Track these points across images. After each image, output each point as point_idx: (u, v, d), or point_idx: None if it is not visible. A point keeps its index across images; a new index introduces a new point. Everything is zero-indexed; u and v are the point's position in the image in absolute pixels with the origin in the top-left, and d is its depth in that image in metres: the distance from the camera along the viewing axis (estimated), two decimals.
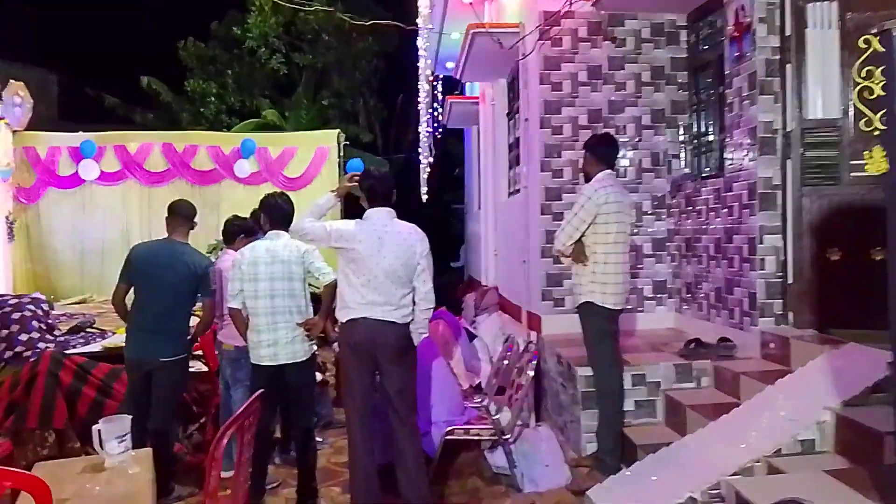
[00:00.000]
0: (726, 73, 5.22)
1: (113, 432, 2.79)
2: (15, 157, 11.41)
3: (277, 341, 4.23)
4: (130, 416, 2.93)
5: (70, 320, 8.51)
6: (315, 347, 4.43)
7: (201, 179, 12.45)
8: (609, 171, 4.30)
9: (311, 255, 4.31)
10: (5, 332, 5.51)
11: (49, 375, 5.11)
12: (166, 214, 4.59)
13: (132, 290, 4.43)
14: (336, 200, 4.10)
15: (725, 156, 5.27)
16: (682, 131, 6.09)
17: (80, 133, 12.12)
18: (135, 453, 2.88)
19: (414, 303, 3.92)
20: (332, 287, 4.25)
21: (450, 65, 11.11)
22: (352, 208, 4.37)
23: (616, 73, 6.03)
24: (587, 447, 4.66)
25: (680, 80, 6.08)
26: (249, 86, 17.84)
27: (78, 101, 19.10)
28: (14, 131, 11.33)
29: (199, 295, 4.51)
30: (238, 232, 5.29)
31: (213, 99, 17.47)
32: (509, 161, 8.09)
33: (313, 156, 12.63)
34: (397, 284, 3.83)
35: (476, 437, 4.77)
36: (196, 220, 4.68)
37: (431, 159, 12.02)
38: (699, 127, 5.97)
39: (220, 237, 5.59)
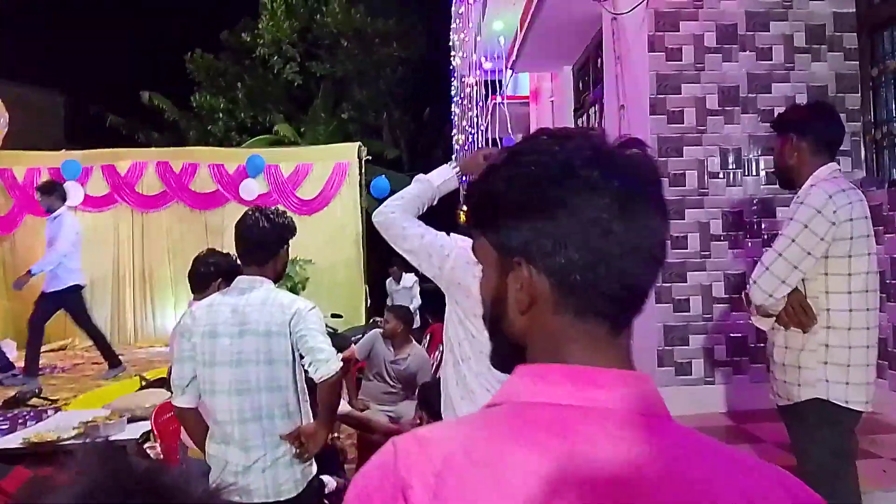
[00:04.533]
0: None
1: None
2: None
3: (249, 468, 2.45)
4: None
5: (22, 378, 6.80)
6: (314, 470, 2.64)
7: (202, 203, 10.76)
8: (834, 165, 2.46)
9: (305, 319, 2.50)
10: None
11: None
12: None
13: None
14: (457, 182, 2.34)
15: None
16: (852, 117, 4.23)
17: (63, 151, 10.53)
18: None
19: None
20: (333, 385, 2.51)
21: (488, 65, 9.47)
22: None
23: (758, 34, 4.21)
24: None
25: (848, 45, 4.25)
26: (262, 100, 16.27)
27: (85, 122, 17.92)
28: None
29: None
30: (212, 275, 3.53)
31: (221, 115, 15.87)
32: None
33: (331, 173, 10.91)
34: None
35: None
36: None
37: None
38: (881, 110, 4.13)
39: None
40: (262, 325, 2.46)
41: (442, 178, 2.32)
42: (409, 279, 10.18)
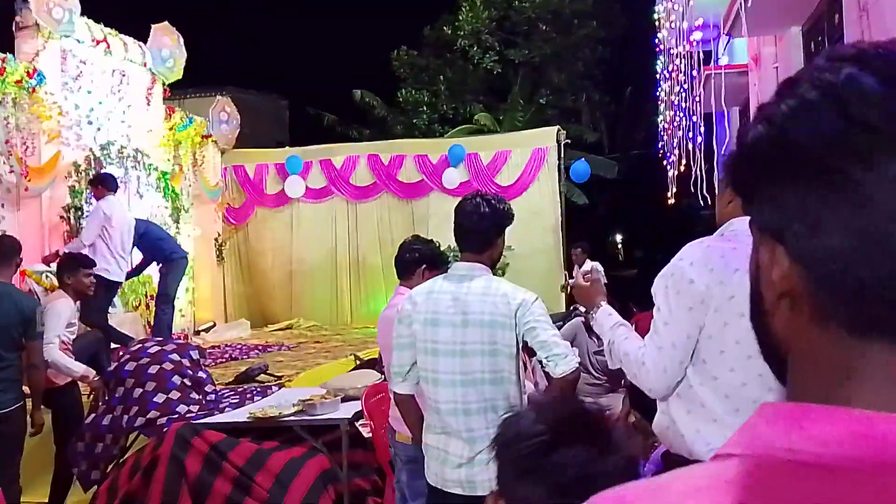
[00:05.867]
0: None
1: None
2: (225, 177, 11.02)
3: (473, 459, 2.40)
4: None
5: (253, 355, 7.52)
6: None
7: (409, 192, 11.26)
8: None
9: (531, 311, 2.41)
10: (139, 390, 4.31)
11: (172, 461, 3.76)
12: None
13: None
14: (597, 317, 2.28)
15: None
16: None
17: (286, 148, 11.52)
18: None
19: None
20: (572, 382, 2.39)
21: (697, 35, 8.75)
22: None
23: None
24: None
25: None
26: (462, 91, 16.71)
27: (306, 122, 19.59)
28: (222, 150, 10.95)
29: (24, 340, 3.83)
30: (416, 261, 3.56)
31: (424, 108, 16.52)
32: None
33: (529, 158, 10.85)
34: None
35: None
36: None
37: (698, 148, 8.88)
38: None
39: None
40: (485, 315, 2.41)
41: (600, 327, 2.21)
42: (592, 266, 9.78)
